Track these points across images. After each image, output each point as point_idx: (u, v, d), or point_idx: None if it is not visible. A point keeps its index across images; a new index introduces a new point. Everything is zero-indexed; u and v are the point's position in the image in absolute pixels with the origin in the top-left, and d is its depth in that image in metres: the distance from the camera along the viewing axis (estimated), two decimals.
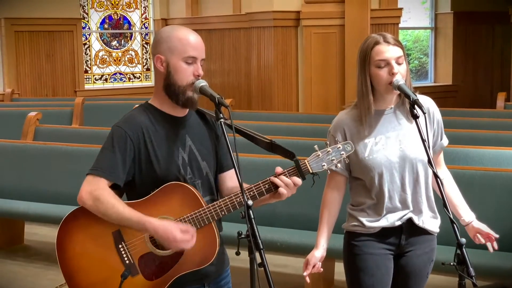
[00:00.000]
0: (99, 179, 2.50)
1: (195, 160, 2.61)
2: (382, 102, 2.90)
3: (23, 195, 5.99)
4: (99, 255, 2.54)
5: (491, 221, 4.39)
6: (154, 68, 2.61)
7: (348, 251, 3.01)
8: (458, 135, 6.14)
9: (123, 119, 2.60)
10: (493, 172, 4.51)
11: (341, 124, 2.92)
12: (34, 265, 5.79)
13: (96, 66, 12.24)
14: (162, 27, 3.20)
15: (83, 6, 12.00)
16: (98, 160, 2.55)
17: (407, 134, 2.90)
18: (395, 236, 2.92)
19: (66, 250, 2.61)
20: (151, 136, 2.55)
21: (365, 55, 2.85)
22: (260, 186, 2.51)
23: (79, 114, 8.79)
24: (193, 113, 2.69)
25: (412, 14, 12.87)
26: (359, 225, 2.94)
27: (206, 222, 2.50)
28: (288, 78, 9.54)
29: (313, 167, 2.51)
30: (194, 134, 2.64)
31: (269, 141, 2.63)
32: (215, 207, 2.50)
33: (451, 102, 12.00)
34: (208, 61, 10.68)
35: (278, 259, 5.57)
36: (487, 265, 4.14)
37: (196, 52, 2.54)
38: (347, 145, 2.58)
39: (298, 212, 4.92)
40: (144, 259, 2.52)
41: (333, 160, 2.54)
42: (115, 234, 2.53)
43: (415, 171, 2.88)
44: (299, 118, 7.86)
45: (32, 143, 6.45)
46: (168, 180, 2.54)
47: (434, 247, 3.03)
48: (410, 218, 2.90)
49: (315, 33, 9.27)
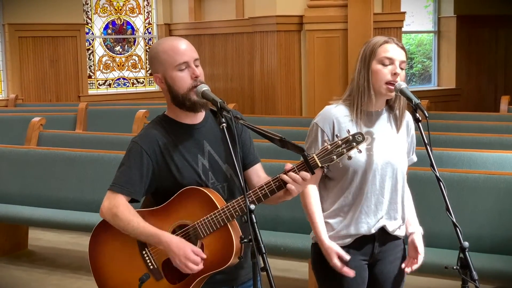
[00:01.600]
0: (117, 195, 2.60)
1: (216, 164, 2.65)
2: (375, 103, 2.88)
3: (27, 201, 6.00)
4: (126, 262, 2.65)
5: (495, 225, 4.42)
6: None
7: (320, 264, 2.95)
8: (461, 138, 6.15)
9: (140, 134, 2.68)
10: (497, 176, 4.50)
11: (330, 117, 2.88)
12: (38, 271, 5.80)
13: (99, 71, 12.26)
14: (151, 46, 3.24)
15: (87, 12, 12.03)
16: (116, 176, 2.64)
17: (393, 141, 2.90)
18: (368, 246, 2.91)
19: (97, 260, 2.72)
20: (168, 147, 2.61)
21: (372, 50, 2.84)
22: (271, 184, 2.52)
23: (83, 120, 8.79)
24: (210, 118, 2.72)
25: (415, 18, 12.87)
26: (332, 236, 2.88)
27: (221, 223, 2.53)
28: (291, 82, 9.54)
29: (322, 160, 2.49)
30: (212, 139, 2.67)
31: (280, 138, 2.65)
32: (229, 208, 2.53)
33: (454, 105, 11.99)
34: (212, 65, 10.70)
35: (281, 263, 5.57)
36: (491, 269, 4.13)
37: (185, 56, 2.57)
38: (358, 136, 2.46)
39: (302, 217, 4.90)
40: (167, 263, 2.58)
41: (344, 151, 2.46)
42: (139, 242, 2.62)
43: (395, 177, 2.88)
44: (303, 122, 7.85)
45: (35, 149, 6.46)
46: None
47: (404, 248, 3.03)
48: (382, 227, 2.89)
49: (318, 37, 9.27)
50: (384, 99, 2.88)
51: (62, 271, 5.74)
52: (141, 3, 12.57)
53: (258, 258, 2.30)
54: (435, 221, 3.83)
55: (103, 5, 12.24)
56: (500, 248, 4.38)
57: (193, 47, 2.63)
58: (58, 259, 6.10)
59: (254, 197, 2.50)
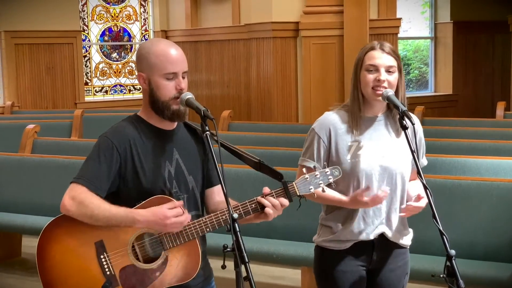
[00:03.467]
0: (81, 187, 2.49)
1: (181, 174, 2.60)
2: (370, 109, 2.90)
3: (21, 208, 5.97)
4: (80, 265, 2.51)
5: (488, 232, 4.40)
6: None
7: (320, 267, 3.00)
8: (456, 144, 6.14)
9: (111, 129, 2.60)
10: (489, 182, 4.49)
11: (327, 124, 2.91)
12: (31, 279, 5.77)
13: (96, 78, 12.26)
14: (143, 43, 3.22)
15: (83, 19, 12.04)
16: (83, 170, 2.54)
17: (392, 145, 2.89)
18: (367, 252, 2.91)
19: (47, 259, 2.55)
20: (138, 149, 2.54)
21: (359, 58, 2.88)
22: (247, 205, 2.51)
23: (78, 127, 8.78)
24: (182, 127, 2.68)
25: (412, 24, 12.88)
26: (331, 240, 2.91)
27: (190, 237, 2.49)
28: (287, 89, 9.53)
29: (301, 190, 2.52)
30: (182, 148, 2.63)
31: (258, 161, 2.63)
32: (200, 223, 2.49)
33: (451, 111, 11.99)
34: (208, 72, 10.70)
35: (275, 270, 5.56)
36: (484, 276, 4.12)
37: (176, 67, 2.53)
38: (335, 170, 2.58)
39: (294, 224, 4.90)
40: (125, 271, 2.50)
41: (320, 184, 2.55)
42: (97, 245, 2.50)
43: (393, 182, 2.88)
44: (299, 128, 7.84)
45: (29, 156, 6.44)
46: (153, 193, 2.52)
47: (407, 260, 3.02)
48: (382, 233, 2.89)
49: (314, 43, 9.27)
50: (379, 104, 2.89)
51: None
52: (137, 10, 12.58)
53: (241, 267, 2.28)
54: (426, 228, 3.78)
55: (100, 12, 12.25)
56: (493, 255, 4.36)
57: (185, 57, 2.59)
58: None
59: (227, 217, 2.44)
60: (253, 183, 4.81)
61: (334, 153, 2.86)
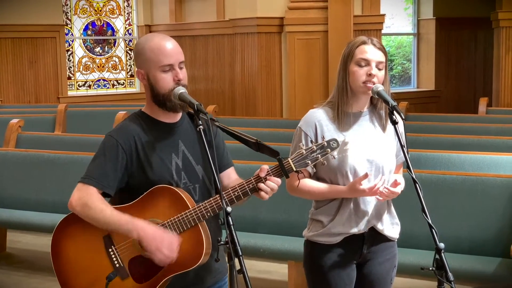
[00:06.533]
0: (88, 187, 2.56)
1: (189, 165, 2.65)
2: (356, 103, 2.92)
3: (6, 203, 5.96)
4: (90, 259, 2.59)
5: (473, 226, 4.45)
6: None
7: (310, 262, 3.02)
8: (439, 140, 6.19)
9: (116, 128, 2.67)
10: (474, 177, 4.54)
11: (313, 120, 2.92)
12: (17, 273, 5.76)
13: (79, 72, 12.20)
14: (138, 39, 3.24)
15: (66, 13, 11.96)
16: (89, 169, 2.61)
17: (377, 140, 2.92)
18: (357, 245, 2.94)
19: (60, 257, 2.65)
20: (144, 144, 2.60)
21: (349, 51, 2.89)
22: (245, 186, 2.54)
23: (62, 121, 8.74)
24: (186, 118, 2.73)
25: (395, 20, 12.95)
26: (322, 234, 2.93)
27: (192, 223, 2.52)
28: (272, 84, 9.55)
29: (297, 165, 2.53)
30: (187, 139, 2.68)
31: (255, 141, 2.66)
32: (201, 208, 2.53)
33: (434, 107, 12.07)
34: (192, 67, 10.68)
35: (261, 265, 5.58)
36: (469, 270, 4.16)
37: (171, 59, 2.58)
38: (332, 142, 2.56)
39: (281, 218, 4.92)
40: (134, 262, 2.56)
41: (318, 157, 2.54)
42: (105, 239, 2.58)
43: (381, 176, 2.90)
44: (283, 124, 7.87)
45: (14, 151, 6.41)
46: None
47: (396, 253, 3.06)
48: (372, 226, 2.92)
49: (298, 39, 9.29)
50: (365, 99, 2.91)
51: (41, 274, 5.70)
52: (121, 4, 12.52)
53: (235, 260, 2.30)
54: (413, 222, 3.83)
55: (83, 6, 12.18)
56: (478, 249, 4.41)
57: (180, 48, 2.63)
58: (37, 261, 6.05)
59: (227, 199, 2.52)
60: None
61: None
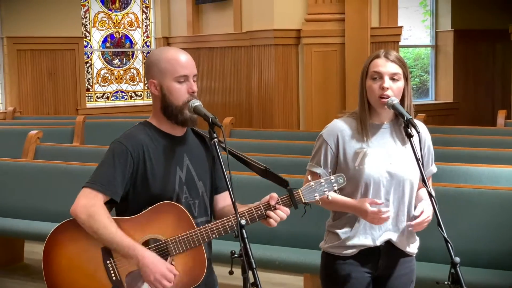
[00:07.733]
0: (96, 194, 2.50)
1: (191, 179, 2.63)
2: (377, 117, 2.93)
3: (23, 214, 5.98)
4: (86, 270, 2.52)
5: (491, 240, 4.41)
6: (150, 92, 2.65)
7: (326, 274, 3.02)
8: (457, 152, 6.15)
9: (124, 135, 2.63)
10: (491, 190, 4.50)
11: (335, 130, 2.94)
12: (33, 284, 5.78)
13: (98, 84, 12.29)
14: (152, 51, 3.25)
15: (85, 25, 12.07)
16: (97, 174, 2.55)
17: (399, 153, 2.91)
18: (373, 259, 2.93)
19: (53, 263, 2.57)
20: (151, 154, 2.57)
21: (365, 66, 2.92)
22: (253, 213, 2.54)
23: (80, 133, 8.80)
24: (190, 133, 2.71)
25: (412, 32, 12.92)
26: (338, 246, 2.93)
27: (196, 243, 2.51)
28: (289, 96, 9.56)
29: (306, 197, 2.55)
30: (192, 154, 2.66)
31: (264, 168, 2.66)
32: (207, 229, 2.51)
33: (452, 119, 12.01)
34: (209, 79, 10.72)
35: (277, 277, 5.56)
36: (487, 284, 4.12)
37: (187, 70, 2.58)
38: (339, 178, 2.63)
39: (297, 231, 4.91)
40: (131, 276, 2.51)
41: (325, 191, 2.59)
42: (103, 250, 2.52)
43: (401, 189, 2.90)
44: (300, 136, 7.86)
45: (32, 162, 6.46)
46: (162, 198, 2.54)
47: (413, 268, 3.04)
48: (388, 240, 2.91)
49: (315, 51, 9.30)
50: (385, 112, 2.92)
51: None
52: (139, 17, 12.61)
53: (248, 273, 2.30)
54: (429, 235, 3.80)
55: (102, 18, 12.28)
56: (496, 263, 4.37)
57: (194, 62, 2.63)
58: None
59: (234, 224, 2.51)
60: (256, 190, 4.82)
61: (342, 159, 2.89)
